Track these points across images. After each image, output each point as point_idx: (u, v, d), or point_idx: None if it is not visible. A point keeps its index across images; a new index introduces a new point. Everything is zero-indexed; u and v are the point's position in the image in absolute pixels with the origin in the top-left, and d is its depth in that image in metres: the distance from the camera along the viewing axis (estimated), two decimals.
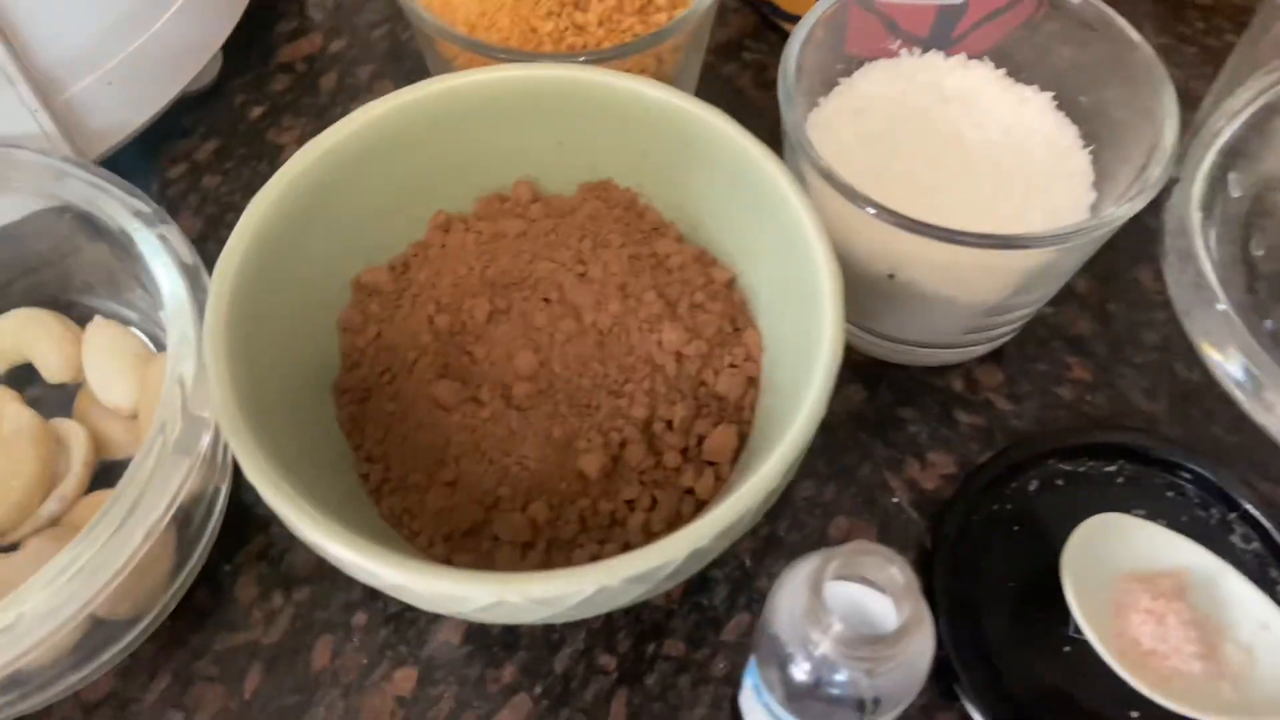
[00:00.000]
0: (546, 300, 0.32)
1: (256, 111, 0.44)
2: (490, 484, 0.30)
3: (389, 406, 0.32)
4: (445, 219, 0.35)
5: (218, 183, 0.42)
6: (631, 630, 0.33)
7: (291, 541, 0.34)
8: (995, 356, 0.38)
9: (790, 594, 0.25)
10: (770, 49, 0.46)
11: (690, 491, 0.30)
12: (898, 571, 0.23)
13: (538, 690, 0.32)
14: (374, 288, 0.33)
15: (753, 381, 0.32)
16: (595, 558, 0.29)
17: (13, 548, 0.31)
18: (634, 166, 0.34)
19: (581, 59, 0.35)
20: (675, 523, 0.30)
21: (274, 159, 0.43)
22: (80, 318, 0.36)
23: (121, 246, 0.31)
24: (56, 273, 0.36)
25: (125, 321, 0.36)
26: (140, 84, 0.38)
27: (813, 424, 0.26)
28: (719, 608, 0.33)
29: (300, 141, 0.43)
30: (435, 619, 0.33)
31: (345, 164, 0.32)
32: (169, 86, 0.39)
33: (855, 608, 0.25)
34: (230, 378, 0.27)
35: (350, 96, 0.45)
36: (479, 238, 0.34)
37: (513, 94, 0.33)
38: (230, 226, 0.28)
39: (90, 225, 0.32)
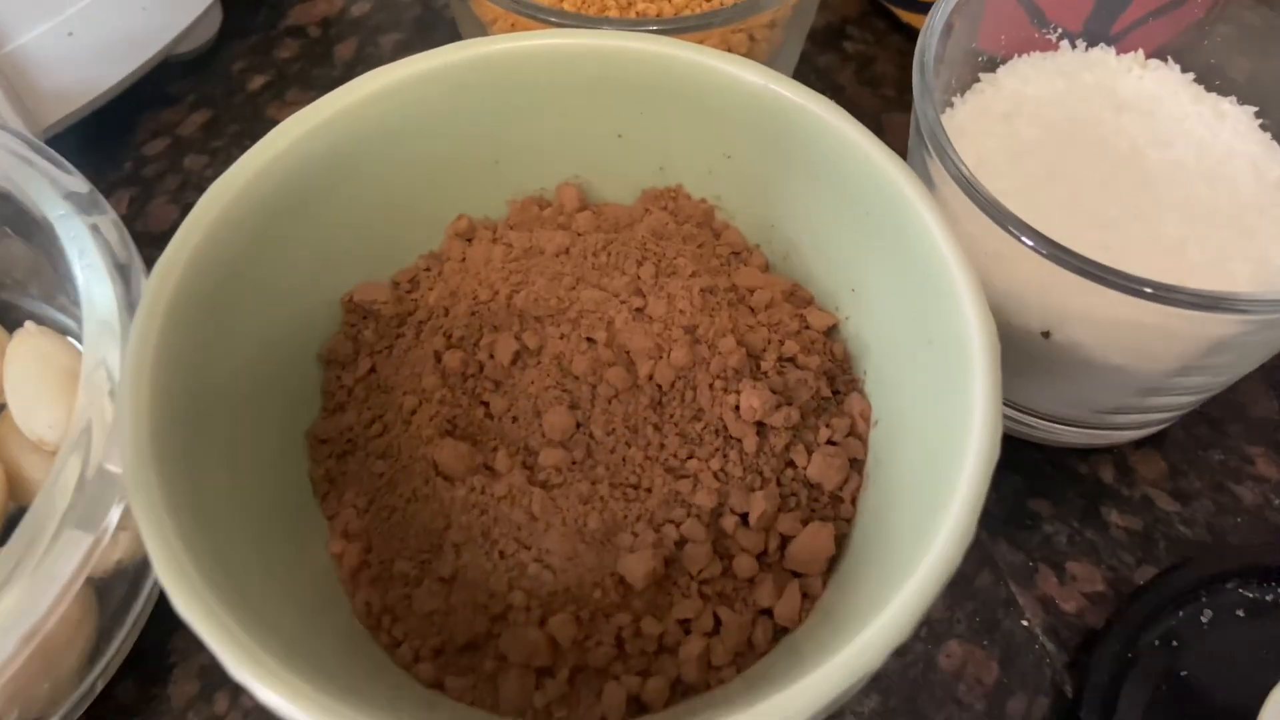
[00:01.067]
0: (590, 341, 0.24)
1: (257, 81, 0.37)
2: (500, 585, 0.22)
3: (377, 467, 0.24)
4: (469, 225, 0.27)
5: (203, 164, 0.35)
6: None
7: None
8: (1156, 441, 0.30)
9: None
10: (877, 39, 0.38)
11: (768, 613, 0.22)
12: None
13: None
14: (369, 309, 0.26)
15: (857, 466, 0.24)
16: (634, 696, 0.22)
17: None
18: (712, 171, 0.27)
19: (653, 28, 0.27)
20: (745, 655, 0.22)
21: None
22: (12, 322, 0.29)
23: (46, 236, 0.24)
24: None
25: (63, 330, 0.28)
26: (110, 37, 0.31)
27: (959, 545, 0.18)
28: None
29: None
30: None
31: (345, 145, 0.24)
32: (148, 43, 0.32)
33: None
34: (150, 418, 0.19)
35: (369, 69, 0.38)
36: (508, 252, 0.26)
37: (562, 68, 0.25)
38: None
39: (14, 209, 0.25)
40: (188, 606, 0.17)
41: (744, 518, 0.23)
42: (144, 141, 0.35)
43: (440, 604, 0.23)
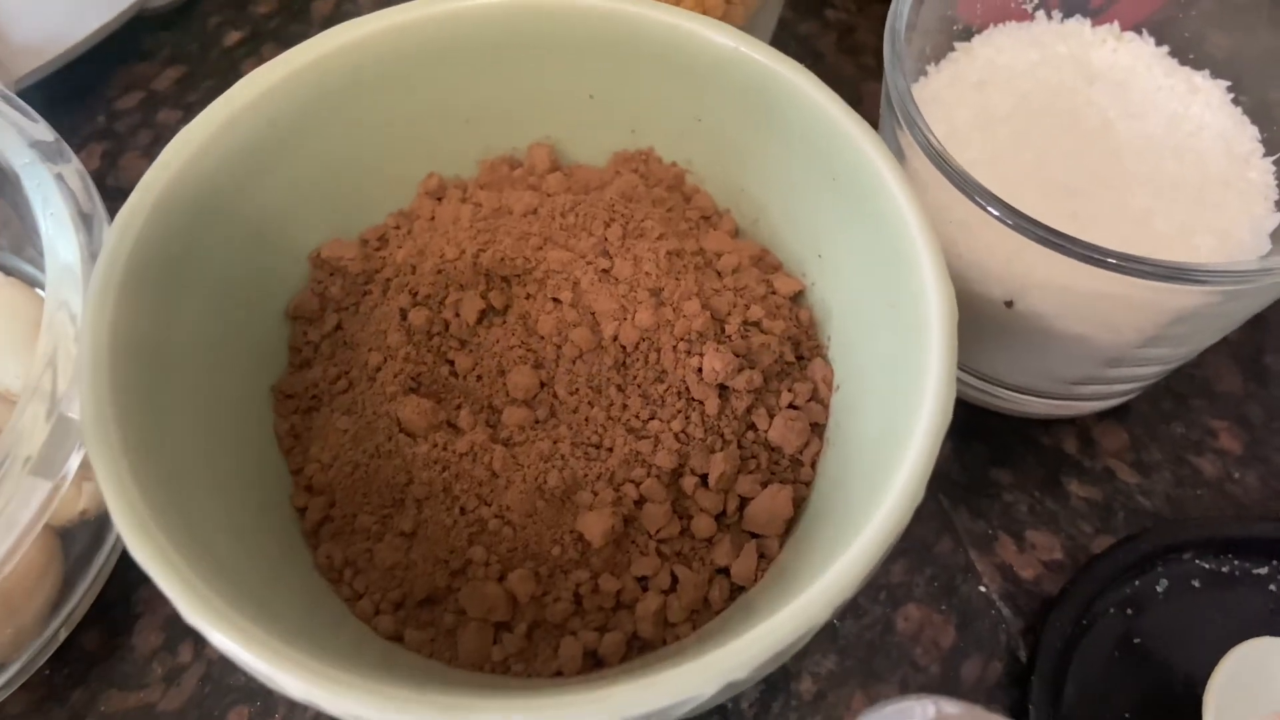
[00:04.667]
0: (556, 301, 0.24)
1: (233, 36, 0.37)
2: (460, 540, 0.22)
3: (341, 423, 0.24)
4: (439, 183, 0.27)
5: (176, 119, 0.35)
6: None
7: None
8: (1119, 413, 0.30)
9: None
10: (859, 8, 0.38)
11: (724, 572, 0.23)
12: None
13: None
14: (337, 266, 0.26)
15: (818, 430, 0.24)
16: (590, 651, 0.22)
17: None
18: (684, 134, 0.27)
19: None
20: (700, 612, 0.22)
21: None
22: None
23: (12, 187, 0.24)
24: None
25: (32, 282, 0.28)
26: None
27: (907, 506, 0.19)
28: (745, 712, 0.26)
29: None
30: None
31: (314, 98, 0.24)
32: None
33: None
34: (110, 364, 0.20)
35: None
36: (476, 211, 0.26)
37: (532, 25, 0.25)
38: None
39: None
40: (140, 547, 0.18)
41: (704, 479, 0.23)
42: (116, 96, 0.35)
43: (400, 558, 0.23)
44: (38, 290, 0.29)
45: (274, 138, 0.24)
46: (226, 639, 0.17)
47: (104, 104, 0.35)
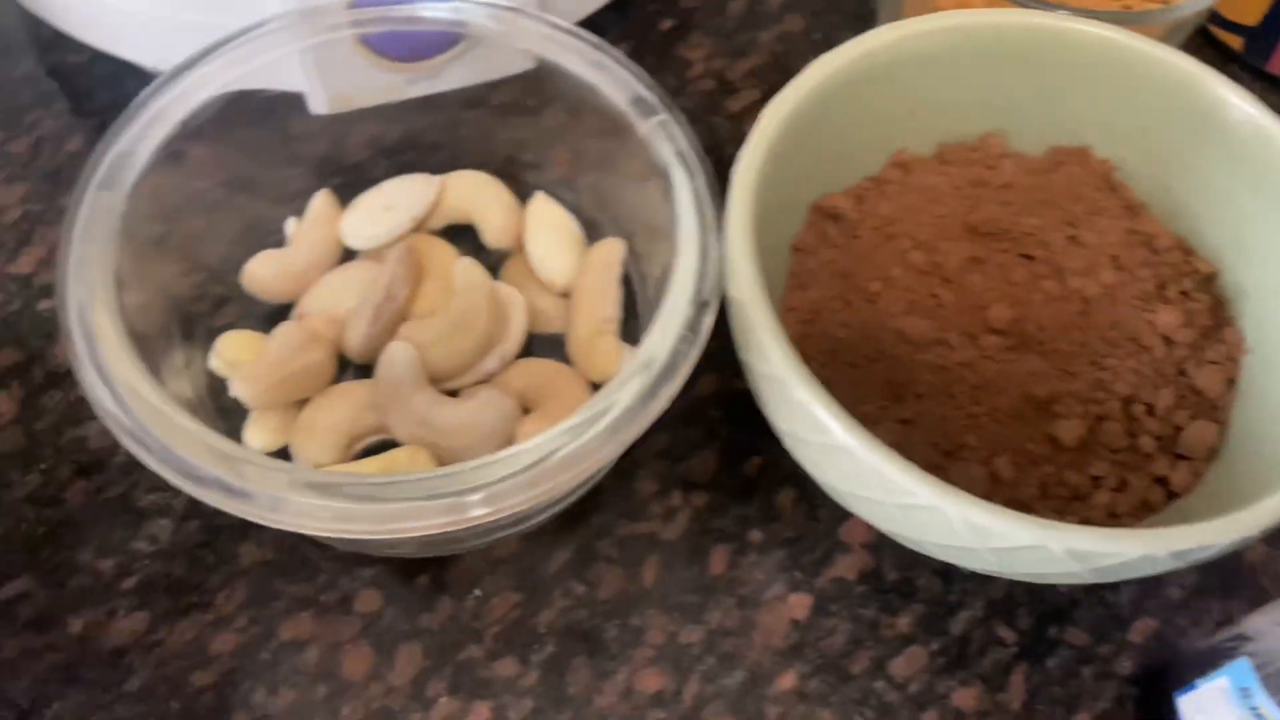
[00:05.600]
0: (1028, 257, 0.31)
1: (666, 23, 0.44)
2: (954, 429, 0.29)
3: (839, 333, 0.31)
4: (907, 159, 0.34)
5: None
6: (1032, 609, 0.32)
7: (691, 447, 0.34)
8: None
9: None
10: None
11: (1162, 481, 0.29)
12: None
13: (934, 646, 0.31)
14: (834, 213, 0.33)
15: (1232, 383, 0.30)
16: None
17: (449, 394, 0.32)
18: (1123, 139, 0.33)
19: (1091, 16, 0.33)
20: (1141, 510, 0.29)
21: (681, 74, 0.43)
22: (518, 194, 0.36)
23: (612, 126, 0.31)
24: (509, 142, 0.36)
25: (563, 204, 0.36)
26: None
27: None
28: (1125, 605, 0.32)
29: (708, 61, 0.43)
30: (830, 550, 0.32)
31: (829, 94, 0.31)
32: None
33: None
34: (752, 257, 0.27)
35: (756, 23, 0.44)
36: (951, 180, 0.33)
37: (1021, 38, 0.32)
38: None
39: (575, 98, 0.32)
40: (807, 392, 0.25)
41: (1150, 408, 0.29)
42: None
43: (898, 439, 0.29)
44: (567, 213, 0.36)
45: (809, 121, 0.30)
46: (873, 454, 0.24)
47: None
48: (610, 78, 0.31)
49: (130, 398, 0.24)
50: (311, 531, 0.25)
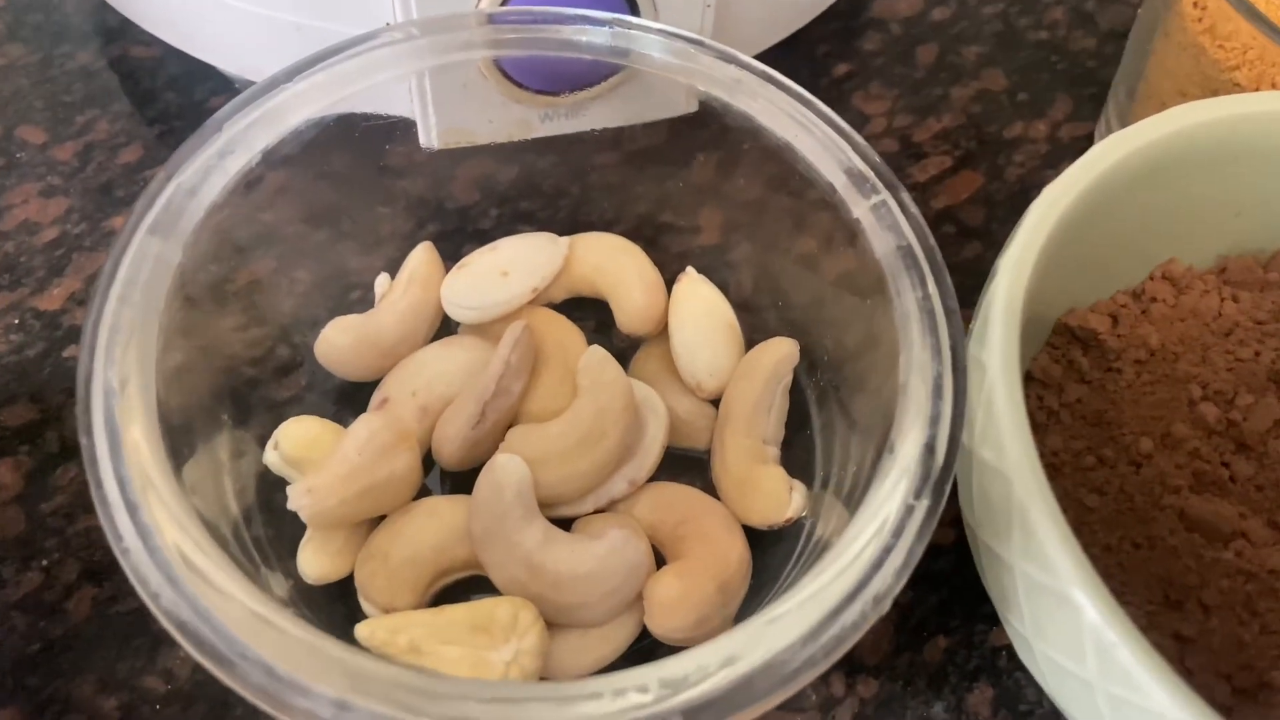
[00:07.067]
0: None
1: (841, 68, 0.37)
2: (1257, 659, 0.21)
3: (1089, 501, 0.23)
4: (1179, 271, 0.26)
5: None
6: None
7: None
8: None
9: None
10: None
11: None
12: None
13: None
14: (1088, 336, 0.25)
15: None
16: None
17: (561, 524, 0.25)
18: None
19: None
20: None
21: (856, 130, 0.36)
22: (658, 263, 0.29)
23: (799, 196, 0.24)
24: (651, 198, 0.29)
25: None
26: None
27: None
28: None
29: (890, 117, 0.36)
30: None
31: (1106, 190, 0.23)
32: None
33: None
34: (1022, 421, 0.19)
35: (952, 77, 0.37)
36: (1244, 308, 0.25)
37: None
38: None
39: (751, 153, 0.25)
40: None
41: None
42: None
43: (1173, 661, 0.21)
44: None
45: (1104, 196, 0.23)
46: None
47: None
48: (814, 139, 0.24)
49: (174, 561, 0.17)
50: None
